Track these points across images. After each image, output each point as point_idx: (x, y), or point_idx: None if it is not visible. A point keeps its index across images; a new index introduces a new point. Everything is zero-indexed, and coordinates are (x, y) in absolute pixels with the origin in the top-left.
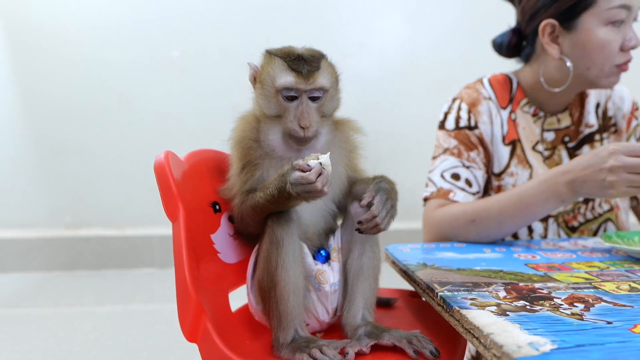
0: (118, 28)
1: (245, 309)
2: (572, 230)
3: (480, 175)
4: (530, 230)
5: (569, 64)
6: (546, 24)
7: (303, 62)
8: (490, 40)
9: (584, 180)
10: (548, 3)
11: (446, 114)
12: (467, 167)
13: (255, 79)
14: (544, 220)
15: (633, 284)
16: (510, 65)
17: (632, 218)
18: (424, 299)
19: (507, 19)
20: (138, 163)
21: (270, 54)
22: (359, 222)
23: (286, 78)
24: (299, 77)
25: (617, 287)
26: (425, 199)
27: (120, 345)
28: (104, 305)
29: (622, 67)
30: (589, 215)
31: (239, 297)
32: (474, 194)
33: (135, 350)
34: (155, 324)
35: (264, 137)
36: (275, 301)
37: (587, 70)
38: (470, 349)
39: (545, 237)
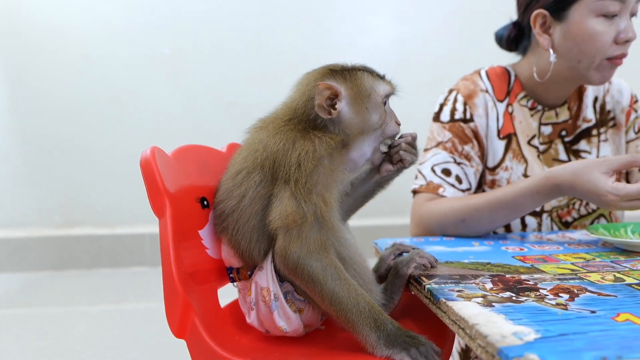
0: (108, 25)
1: (234, 305)
2: (565, 225)
3: (471, 172)
4: (524, 225)
5: (552, 58)
6: (537, 14)
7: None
8: (494, 33)
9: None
10: None
11: (442, 106)
12: (459, 164)
13: (332, 100)
14: (538, 215)
15: (618, 274)
16: (503, 62)
17: (627, 213)
18: (412, 292)
19: (498, 16)
20: (129, 161)
21: (351, 70)
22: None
23: (384, 86)
24: (389, 83)
25: (602, 278)
26: (414, 192)
27: (112, 344)
28: (95, 304)
29: (615, 61)
30: (583, 211)
31: (227, 294)
32: (463, 190)
33: (128, 349)
34: (147, 322)
35: (346, 154)
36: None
37: (577, 63)
38: (459, 341)
39: (539, 231)
